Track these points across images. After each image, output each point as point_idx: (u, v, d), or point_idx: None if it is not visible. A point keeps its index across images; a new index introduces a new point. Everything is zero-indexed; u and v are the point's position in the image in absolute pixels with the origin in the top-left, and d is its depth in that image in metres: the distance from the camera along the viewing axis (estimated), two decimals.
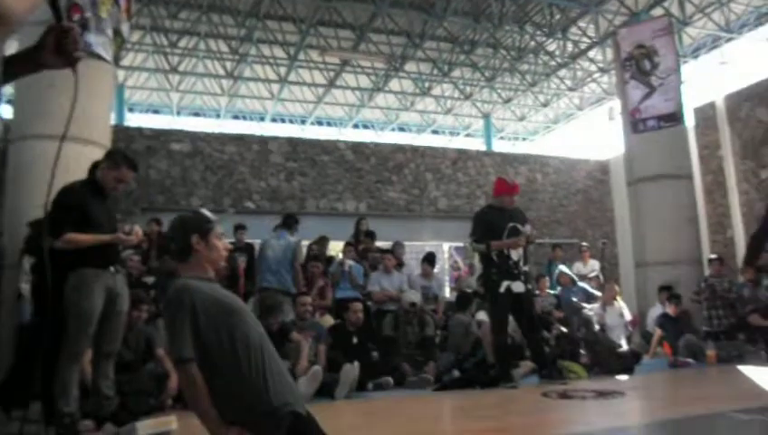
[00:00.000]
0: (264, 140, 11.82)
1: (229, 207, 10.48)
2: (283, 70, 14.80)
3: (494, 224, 5.38)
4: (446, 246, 12.91)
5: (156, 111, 18.09)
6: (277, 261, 6.51)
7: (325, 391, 4.87)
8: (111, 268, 3.60)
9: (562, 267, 8.97)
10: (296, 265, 6.70)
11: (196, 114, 18.42)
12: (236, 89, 16.34)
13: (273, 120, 18.94)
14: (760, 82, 11.12)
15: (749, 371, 5.73)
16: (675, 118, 9.14)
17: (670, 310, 7.49)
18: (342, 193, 11.90)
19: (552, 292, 8.39)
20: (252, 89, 16.74)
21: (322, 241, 8.34)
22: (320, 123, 19.60)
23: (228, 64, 14.49)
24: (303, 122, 19.22)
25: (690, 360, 6.73)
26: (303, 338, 5.28)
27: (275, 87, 16.00)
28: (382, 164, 12.34)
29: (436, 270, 8.34)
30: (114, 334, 3.62)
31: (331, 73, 15.36)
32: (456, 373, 5.71)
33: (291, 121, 19.32)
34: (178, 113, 17.97)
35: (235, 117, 18.82)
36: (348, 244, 8.11)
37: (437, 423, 3.97)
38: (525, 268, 5.41)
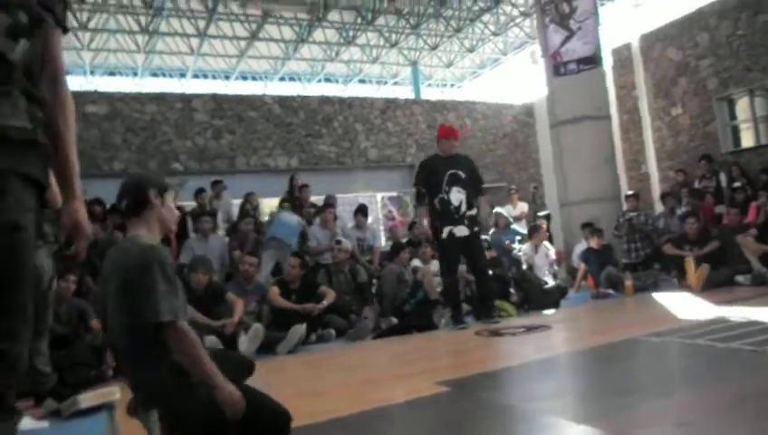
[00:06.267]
0: (186, 98, 11.43)
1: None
2: (201, 23, 14.21)
3: (433, 171, 5.58)
4: (378, 196, 13.05)
5: (67, 73, 17.03)
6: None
7: (269, 347, 4.99)
8: None
9: (500, 209, 9.27)
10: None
11: (112, 73, 17.50)
12: (153, 45, 15.58)
13: (195, 76, 18.25)
14: (671, 23, 11.57)
15: (661, 297, 6.22)
16: (593, 60, 9.41)
17: (593, 243, 7.86)
18: (273, 149, 11.74)
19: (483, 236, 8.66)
20: (170, 44, 15.99)
21: (249, 197, 8.32)
22: (244, 78, 19.02)
23: (142, 19, 13.77)
24: (227, 78, 18.61)
25: (611, 291, 7.16)
26: (243, 301, 5.23)
27: (195, 42, 15.36)
28: (311, 117, 12.20)
29: (369, 221, 8.45)
30: (42, 312, 3.41)
31: (253, 25, 14.87)
32: (394, 320, 5.91)
33: (214, 77, 18.66)
34: (92, 73, 17.02)
35: (155, 75, 17.99)
36: (283, 200, 8.07)
37: (374, 370, 4.12)
38: (471, 212, 5.53)
